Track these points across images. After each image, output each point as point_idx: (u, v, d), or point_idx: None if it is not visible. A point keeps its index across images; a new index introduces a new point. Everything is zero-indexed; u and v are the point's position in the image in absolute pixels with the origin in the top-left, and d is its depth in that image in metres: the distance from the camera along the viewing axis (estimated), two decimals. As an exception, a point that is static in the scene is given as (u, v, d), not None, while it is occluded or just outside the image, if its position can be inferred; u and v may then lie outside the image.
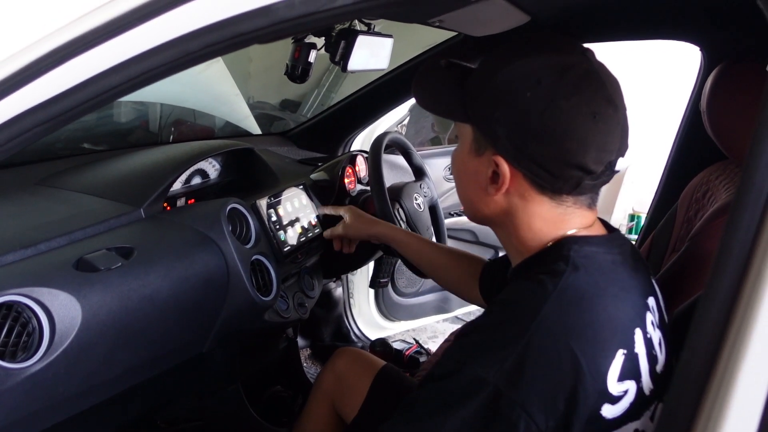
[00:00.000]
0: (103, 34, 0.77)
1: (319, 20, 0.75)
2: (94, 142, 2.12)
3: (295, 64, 1.42)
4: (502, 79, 0.86)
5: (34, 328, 0.97)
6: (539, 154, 0.85)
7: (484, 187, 0.92)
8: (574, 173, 0.86)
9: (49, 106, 0.78)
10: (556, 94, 0.83)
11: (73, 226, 1.17)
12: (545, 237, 0.91)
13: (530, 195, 0.90)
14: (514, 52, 0.88)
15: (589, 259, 0.86)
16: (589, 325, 0.80)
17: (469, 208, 1.00)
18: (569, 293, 0.82)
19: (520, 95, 0.84)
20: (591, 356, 0.79)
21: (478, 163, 0.92)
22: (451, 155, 1.01)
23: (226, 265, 1.30)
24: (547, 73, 0.84)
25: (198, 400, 1.58)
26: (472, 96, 0.91)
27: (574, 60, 0.86)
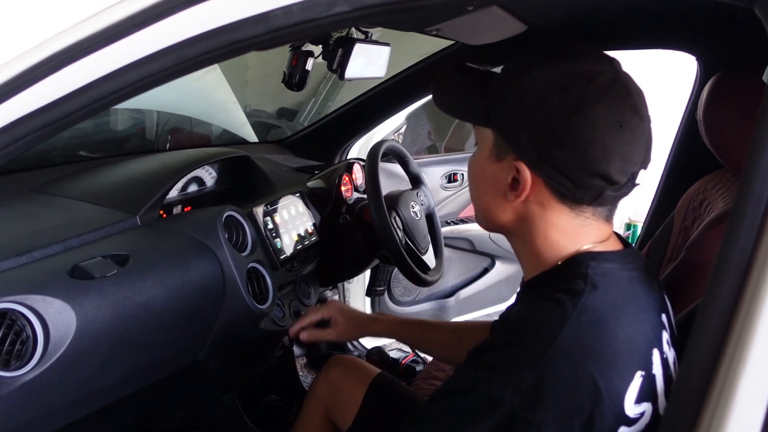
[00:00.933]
0: (101, 40, 0.76)
1: (317, 27, 0.75)
2: (90, 149, 2.11)
3: (292, 72, 1.42)
4: (528, 84, 0.85)
5: (28, 336, 0.96)
6: (562, 161, 0.83)
7: (502, 194, 0.90)
8: (596, 182, 0.84)
9: (46, 113, 0.78)
10: (583, 101, 0.82)
11: (68, 234, 1.17)
12: (561, 250, 0.89)
13: (549, 203, 0.88)
14: (540, 57, 0.87)
15: (607, 277, 0.85)
16: (608, 346, 0.79)
17: (484, 216, 0.98)
18: (588, 314, 0.80)
19: (546, 101, 0.83)
20: (609, 379, 0.78)
21: (497, 169, 0.90)
22: (469, 161, 0.99)
23: (222, 273, 1.30)
24: (574, 79, 0.83)
25: (193, 409, 1.57)
26: (494, 100, 0.89)
27: (601, 68, 0.85)
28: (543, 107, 0.83)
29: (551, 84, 0.84)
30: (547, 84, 0.84)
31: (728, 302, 0.55)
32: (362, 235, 1.83)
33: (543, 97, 0.84)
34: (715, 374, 0.55)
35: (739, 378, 0.54)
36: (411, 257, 1.71)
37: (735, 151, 1.29)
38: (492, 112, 0.89)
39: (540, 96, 0.84)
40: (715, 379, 0.55)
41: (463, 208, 2.78)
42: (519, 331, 0.83)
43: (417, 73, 2.08)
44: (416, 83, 2.12)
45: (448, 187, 2.65)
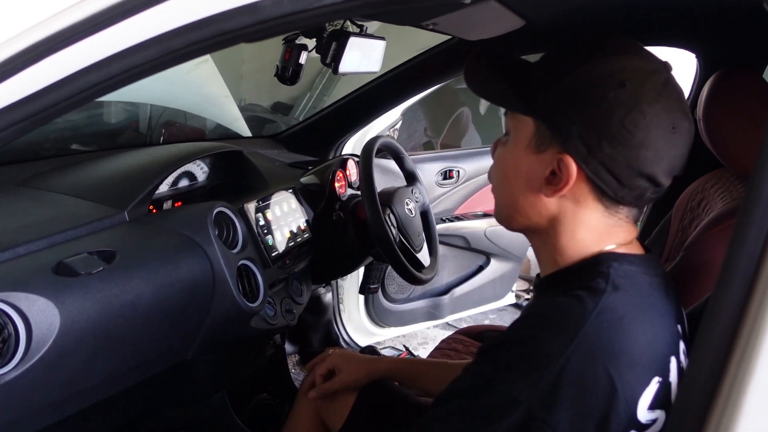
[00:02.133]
0: (84, 29, 0.74)
1: (308, 19, 0.72)
2: (83, 142, 2.09)
3: (285, 66, 1.39)
4: (582, 75, 0.82)
5: (9, 333, 0.94)
6: (611, 158, 0.81)
7: (536, 188, 0.87)
8: (641, 183, 0.83)
9: (27, 104, 0.75)
10: (640, 98, 0.80)
11: (53, 229, 1.14)
12: (586, 249, 0.87)
13: (586, 200, 0.85)
14: (594, 49, 0.85)
15: (629, 279, 0.83)
16: (628, 349, 0.77)
17: (509, 211, 0.94)
18: (608, 314, 0.78)
19: (602, 94, 0.80)
20: (627, 382, 0.76)
21: (535, 161, 0.87)
22: (497, 152, 0.95)
23: (211, 270, 1.27)
24: (631, 75, 0.81)
25: (182, 409, 1.54)
26: (540, 89, 0.86)
27: (655, 67, 0.83)
28: (598, 101, 0.81)
29: (608, 78, 0.81)
30: (604, 77, 0.81)
31: (735, 307, 0.53)
32: (356, 233, 1.81)
33: (599, 91, 0.81)
34: (722, 380, 0.53)
35: (747, 384, 0.52)
36: (405, 255, 1.69)
37: (735, 150, 1.27)
38: (537, 101, 0.86)
39: (596, 89, 0.81)
40: (721, 386, 0.53)
41: (458, 205, 2.76)
42: (537, 327, 0.80)
43: (413, 69, 2.06)
44: (412, 79, 2.10)
45: (443, 183, 2.63)
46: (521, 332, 0.82)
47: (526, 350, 0.78)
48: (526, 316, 0.84)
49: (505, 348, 0.82)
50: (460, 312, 2.93)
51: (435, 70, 2.06)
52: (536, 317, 0.82)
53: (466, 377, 0.83)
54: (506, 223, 0.96)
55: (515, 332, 0.83)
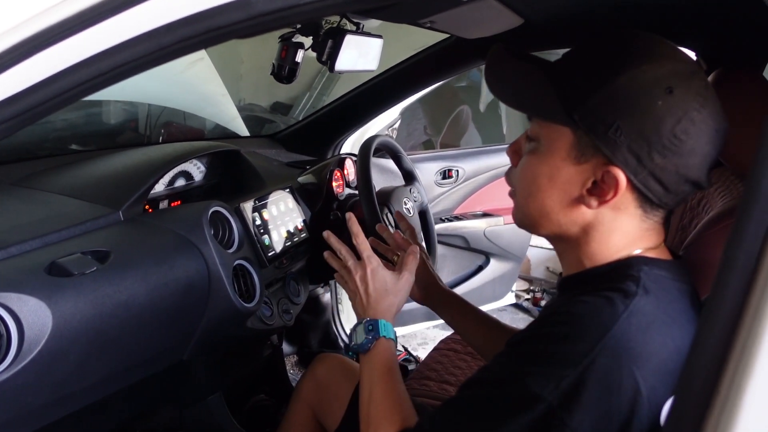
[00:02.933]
0: (73, 26, 0.73)
1: (301, 14, 0.71)
2: (81, 142, 2.08)
3: (281, 64, 1.38)
4: (627, 84, 0.78)
5: (1, 334, 0.93)
6: (661, 168, 0.79)
7: (575, 198, 0.84)
8: (687, 188, 0.81)
9: (14, 103, 0.74)
10: (689, 105, 0.77)
11: (47, 229, 1.13)
12: (616, 253, 0.85)
13: (627, 208, 0.83)
14: (632, 53, 0.81)
15: (659, 284, 0.81)
16: (656, 354, 0.76)
17: (539, 219, 0.89)
18: (639, 317, 0.77)
19: (651, 104, 0.77)
20: (652, 387, 0.75)
21: (574, 172, 0.83)
22: (526, 159, 0.89)
23: (207, 271, 1.26)
24: (676, 80, 0.78)
25: (178, 410, 1.53)
26: (579, 98, 0.81)
27: (693, 68, 0.80)
28: (648, 110, 0.77)
29: (655, 85, 0.77)
30: (651, 85, 0.78)
31: (734, 305, 0.52)
32: (353, 232, 1.79)
33: (647, 99, 0.77)
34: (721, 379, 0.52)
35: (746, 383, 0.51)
36: (403, 255, 1.67)
37: (735, 149, 1.25)
38: (578, 111, 0.81)
39: (644, 98, 0.78)
40: (720, 384, 0.52)
41: (457, 205, 2.75)
42: (564, 324, 0.79)
43: (411, 67, 2.05)
44: (411, 77, 2.09)
45: (442, 183, 2.61)
46: (549, 329, 0.80)
47: (552, 347, 0.77)
48: (554, 312, 0.82)
49: (532, 343, 0.80)
50: (459, 312, 2.91)
51: (433, 68, 2.05)
52: (565, 315, 0.80)
53: (492, 367, 0.83)
54: (532, 230, 0.93)
55: (543, 328, 0.81)
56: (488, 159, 2.69)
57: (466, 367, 1.79)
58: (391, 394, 1.00)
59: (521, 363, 0.79)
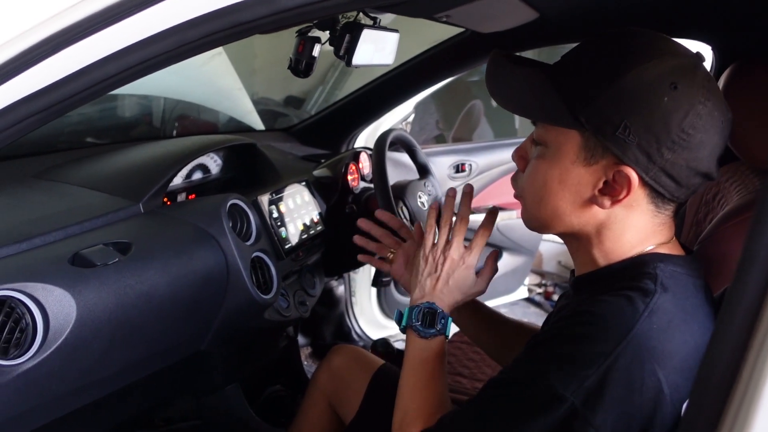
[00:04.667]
0: (100, 21, 0.74)
1: (323, 10, 0.73)
2: (97, 135, 2.10)
3: (298, 59, 1.39)
4: (631, 82, 0.78)
5: (27, 324, 0.95)
6: (671, 163, 0.79)
7: (585, 199, 0.84)
8: (698, 181, 0.82)
9: (43, 96, 0.76)
10: (694, 99, 0.78)
11: (69, 221, 1.15)
12: (630, 250, 0.86)
13: (639, 205, 0.83)
14: (634, 51, 0.81)
15: (676, 280, 0.82)
16: (677, 351, 0.77)
17: (549, 222, 0.89)
18: (659, 315, 0.77)
19: (657, 101, 0.77)
20: (675, 384, 0.76)
21: (585, 174, 0.83)
22: (533, 164, 0.89)
23: (225, 262, 1.28)
24: (679, 75, 0.78)
25: (196, 399, 1.55)
26: (584, 100, 0.81)
27: (694, 61, 0.81)
28: (654, 107, 0.78)
29: (659, 83, 0.78)
30: (655, 82, 0.78)
31: (753, 300, 0.53)
32: (368, 225, 1.81)
33: (653, 96, 0.78)
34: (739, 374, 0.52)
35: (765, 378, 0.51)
36: (418, 248, 1.68)
37: (752, 143, 1.26)
38: (584, 113, 0.81)
39: (649, 95, 0.78)
40: (738, 380, 0.52)
41: (470, 199, 2.75)
42: (586, 324, 0.79)
43: (426, 62, 2.05)
44: (425, 72, 2.09)
45: (455, 177, 2.62)
46: (571, 329, 0.80)
47: (574, 348, 0.78)
48: (574, 312, 0.82)
49: (554, 344, 0.81)
50: (473, 305, 2.92)
51: (447, 63, 2.05)
52: (586, 315, 0.80)
53: (515, 368, 0.83)
54: (542, 231, 0.93)
55: (565, 329, 0.81)
56: (501, 153, 2.69)
57: (479, 360, 1.80)
58: (438, 389, 0.98)
59: (544, 363, 0.79)
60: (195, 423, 1.60)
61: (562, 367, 0.77)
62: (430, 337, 1.00)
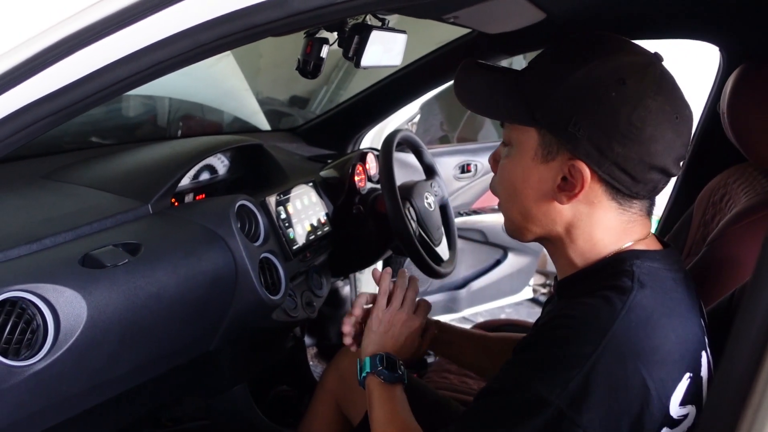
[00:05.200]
0: (113, 24, 0.74)
1: (336, 12, 0.73)
2: (102, 135, 2.10)
3: (306, 59, 1.39)
4: (581, 79, 0.82)
5: (38, 325, 0.95)
6: (623, 157, 0.81)
7: (549, 196, 0.87)
8: (654, 176, 0.83)
9: (57, 98, 0.76)
10: (642, 93, 0.80)
11: (79, 221, 1.15)
12: (604, 249, 0.87)
13: (600, 201, 0.85)
14: (585, 51, 0.84)
15: (653, 276, 0.83)
16: (659, 347, 0.78)
17: (522, 224, 0.93)
18: (638, 312, 0.78)
19: (604, 96, 0.80)
20: (659, 380, 0.76)
21: (544, 170, 0.86)
22: (501, 165, 0.93)
23: (234, 263, 1.28)
24: (629, 72, 0.81)
25: (204, 399, 1.56)
26: (540, 98, 0.85)
27: (648, 60, 0.83)
28: (602, 102, 0.80)
29: (606, 78, 0.81)
30: (602, 78, 0.81)
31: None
32: (375, 226, 1.81)
33: (600, 92, 0.81)
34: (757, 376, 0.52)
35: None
36: (425, 249, 1.69)
37: (760, 144, 1.26)
38: (539, 110, 0.85)
39: (597, 91, 0.81)
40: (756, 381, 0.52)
41: (476, 199, 2.76)
42: (565, 327, 0.80)
43: (432, 63, 2.05)
44: (431, 73, 2.09)
45: (461, 177, 2.62)
46: (550, 333, 0.82)
47: (556, 352, 0.79)
48: (554, 317, 0.83)
49: (536, 349, 0.82)
50: (477, 306, 2.93)
51: (454, 64, 2.04)
52: (564, 318, 0.82)
53: (500, 377, 0.84)
54: (520, 236, 0.95)
55: (545, 333, 0.83)
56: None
57: (486, 361, 1.80)
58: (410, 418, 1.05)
59: (527, 369, 0.81)
60: (202, 423, 1.60)
61: (545, 372, 0.78)
62: (394, 381, 1.09)
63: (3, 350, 0.91)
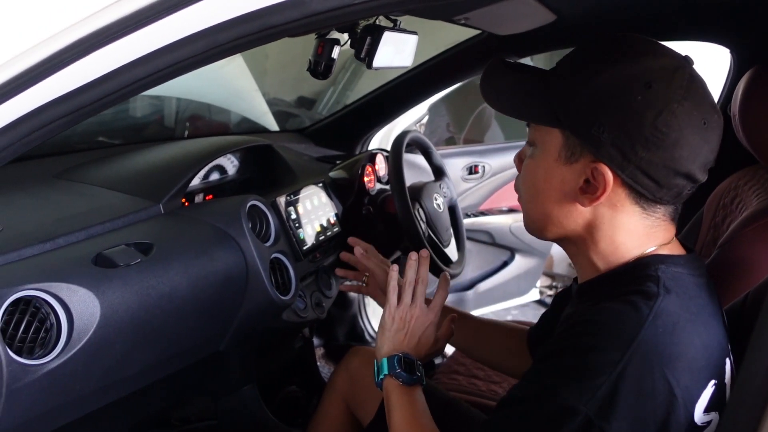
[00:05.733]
0: (131, 24, 0.75)
1: (352, 14, 0.73)
2: (109, 135, 2.11)
3: (318, 60, 1.39)
4: (606, 81, 0.81)
5: (52, 324, 0.96)
6: (647, 161, 0.80)
7: (571, 198, 0.86)
8: (679, 182, 0.82)
9: (75, 97, 0.76)
10: (669, 98, 0.79)
11: (91, 221, 1.16)
12: (627, 253, 0.86)
13: (623, 205, 0.84)
14: (612, 53, 0.84)
15: (678, 281, 0.82)
16: (685, 354, 0.77)
17: (542, 223, 0.92)
18: (664, 318, 0.77)
19: (630, 99, 0.79)
20: (685, 387, 0.76)
21: (567, 172, 0.86)
22: (525, 164, 0.93)
23: (245, 263, 1.28)
24: (656, 75, 0.80)
25: (213, 399, 1.56)
26: (564, 99, 0.84)
27: (678, 64, 0.82)
28: (627, 105, 0.79)
29: (633, 81, 0.80)
30: (629, 81, 0.80)
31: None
32: (385, 227, 1.81)
33: (626, 95, 0.80)
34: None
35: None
36: (434, 250, 1.69)
37: (772, 146, 1.26)
38: (563, 112, 0.84)
39: (622, 94, 0.80)
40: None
41: (483, 200, 2.76)
42: (592, 334, 0.79)
43: (441, 64, 2.05)
44: (441, 74, 2.09)
45: (469, 178, 2.62)
46: (576, 340, 0.81)
47: (583, 359, 0.78)
48: (578, 322, 0.82)
49: (562, 356, 0.81)
50: (484, 307, 2.93)
51: (463, 65, 2.05)
52: (590, 324, 0.81)
53: (525, 384, 0.83)
54: (539, 234, 0.94)
55: (570, 339, 0.82)
56: (514, 155, 2.69)
57: (494, 362, 1.80)
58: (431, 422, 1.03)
59: (554, 377, 0.79)
60: (211, 423, 1.60)
61: (572, 379, 0.77)
62: (413, 383, 1.06)
63: (17, 349, 0.92)
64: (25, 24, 0.78)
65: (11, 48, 0.75)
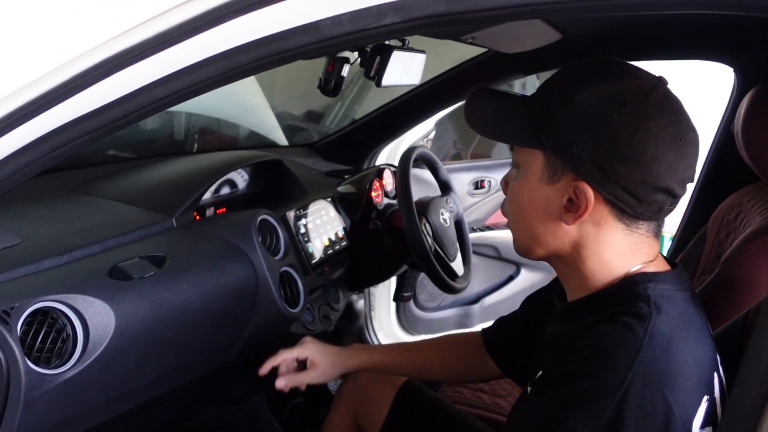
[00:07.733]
0: (152, 46, 0.77)
1: (365, 38, 0.75)
2: (121, 148, 2.14)
3: (328, 78, 1.42)
4: (583, 102, 0.84)
5: (68, 334, 0.98)
6: (626, 178, 0.82)
7: (555, 217, 0.88)
8: (659, 197, 0.84)
9: (96, 117, 0.79)
10: (644, 115, 0.82)
11: (107, 234, 1.19)
12: (614, 271, 0.88)
13: (606, 222, 0.87)
14: (588, 75, 0.87)
15: (667, 299, 0.84)
16: (680, 372, 0.79)
17: (530, 243, 0.94)
18: (658, 338, 0.79)
19: (607, 117, 0.82)
20: (682, 405, 0.77)
21: (550, 191, 0.88)
22: (510, 186, 0.96)
23: (255, 276, 1.31)
24: (631, 95, 0.83)
25: (222, 410, 1.58)
26: (544, 121, 0.87)
27: (652, 84, 0.85)
28: (604, 124, 0.82)
29: (609, 101, 0.83)
30: (604, 101, 0.83)
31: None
32: (392, 241, 1.83)
33: (603, 114, 0.83)
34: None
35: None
36: (440, 264, 1.71)
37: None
38: (543, 133, 0.87)
39: (599, 113, 0.83)
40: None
41: (489, 215, 2.77)
42: (591, 358, 0.81)
43: (448, 81, 2.08)
44: (447, 91, 2.12)
45: (475, 193, 2.64)
46: (575, 366, 0.82)
47: (585, 385, 0.79)
48: (577, 348, 0.84)
49: (563, 383, 0.82)
50: (490, 321, 2.93)
51: (470, 82, 2.08)
52: (588, 348, 0.82)
53: (528, 415, 0.85)
54: (528, 254, 0.96)
55: (569, 366, 0.83)
56: (500, 178, 2.71)
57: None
58: None
59: (558, 406, 0.81)
60: (219, 434, 1.62)
61: (577, 406, 0.78)
62: None
63: (35, 358, 0.94)
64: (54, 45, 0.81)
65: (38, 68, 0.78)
